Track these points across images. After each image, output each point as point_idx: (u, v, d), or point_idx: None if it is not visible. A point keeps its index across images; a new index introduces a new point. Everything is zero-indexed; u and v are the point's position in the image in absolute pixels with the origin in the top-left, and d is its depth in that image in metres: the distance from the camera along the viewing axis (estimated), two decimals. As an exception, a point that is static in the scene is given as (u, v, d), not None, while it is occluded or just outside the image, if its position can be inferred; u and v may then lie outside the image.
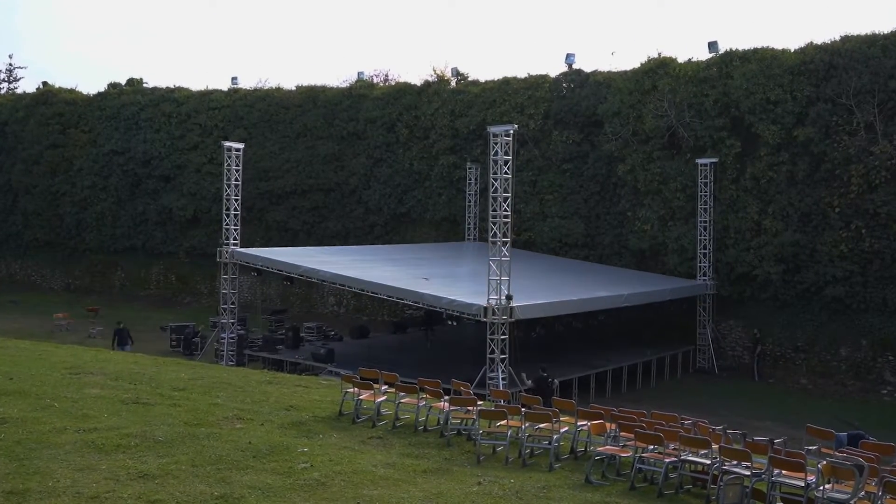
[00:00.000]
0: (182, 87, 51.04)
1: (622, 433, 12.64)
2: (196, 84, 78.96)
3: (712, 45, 35.67)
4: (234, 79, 49.60)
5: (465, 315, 25.33)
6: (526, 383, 24.20)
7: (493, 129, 25.34)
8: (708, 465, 11.17)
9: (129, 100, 51.21)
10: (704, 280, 34.00)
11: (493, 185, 24.85)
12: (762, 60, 33.86)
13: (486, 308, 24.00)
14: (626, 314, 35.40)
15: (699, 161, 34.33)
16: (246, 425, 13.20)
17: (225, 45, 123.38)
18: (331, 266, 28.94)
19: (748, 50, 34.73)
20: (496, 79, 42.08)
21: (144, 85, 53.33)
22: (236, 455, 11.24)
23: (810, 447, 12.53)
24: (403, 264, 31.77)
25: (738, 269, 33.99)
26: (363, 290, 28.25)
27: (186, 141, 49.10)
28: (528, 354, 28.76)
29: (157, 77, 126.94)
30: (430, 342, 32.86)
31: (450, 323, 28.29)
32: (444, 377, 18.56)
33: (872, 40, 32.18)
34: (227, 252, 31.54)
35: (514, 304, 24.13)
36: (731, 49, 35.29)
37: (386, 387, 15.11)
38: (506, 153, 24.55)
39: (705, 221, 34.15)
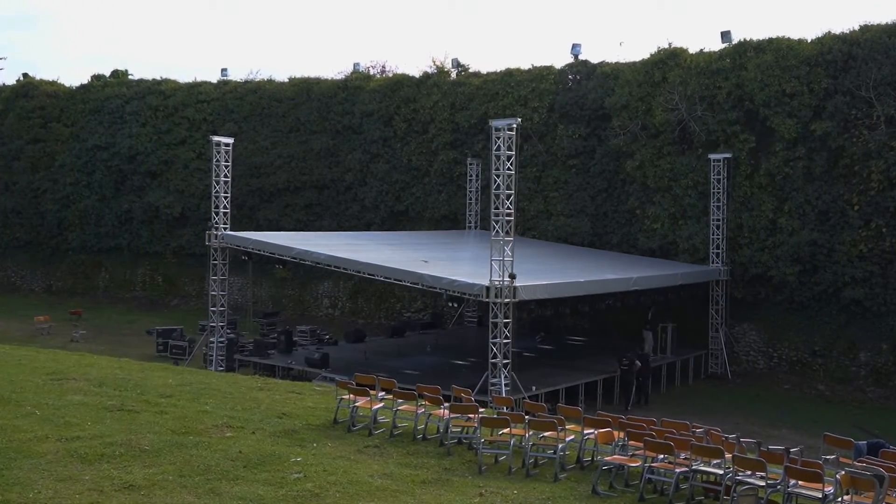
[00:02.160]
0: (169, 80, 50.19)
1: (631, 442, 12.54)
2: (184, 76, 78.66)
3: (725, 35, 35.09)
4: (223, 70, 48.82)
5: (467, 295, 24.76)
6: (531, 389, 23.51)
7: (495, 123, 24.84)
8: (721, 475, 11.06)
9: (113, 92, 50.26)
10: (717, 266, 33.25)
11: (495, 181, 24.23)
12: (778, 51, 33.21)
13: (488, 287, 23.30)
14: (634, 316, 34.47)
15: (711, 156, 33.73)
16: (236, 434, 13.07)
17: (214, 34, 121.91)
18: (325, 249, 28.33)
19: (763, 40, 34.08)
20: (498, 70, 41.44)
21: (130, 77, 52.54)
22: (226, 465, 11.17)
23: (828, 456, 12.54)
24: (402, 248, 31.26)
25: (753, 270, 33.33)
26: (360, 272, 27.63)
27: (174, 135, 48.19)
28: (531, 359, 27.99)
29: (143, 69, 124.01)
30: (430, 346, 32.27)
31: (451, 305, 27.64)
32: (444, 383, 18.25)
33: (893, 30, 31.65)
34: (216, 236, 30.64)
35: (517, 283, 23.40)
36: (745, 39, 34.67)
37: (383, 393, 14.98)
38: (508, 148, 23.97)
39: (718, 220, 33.51)
